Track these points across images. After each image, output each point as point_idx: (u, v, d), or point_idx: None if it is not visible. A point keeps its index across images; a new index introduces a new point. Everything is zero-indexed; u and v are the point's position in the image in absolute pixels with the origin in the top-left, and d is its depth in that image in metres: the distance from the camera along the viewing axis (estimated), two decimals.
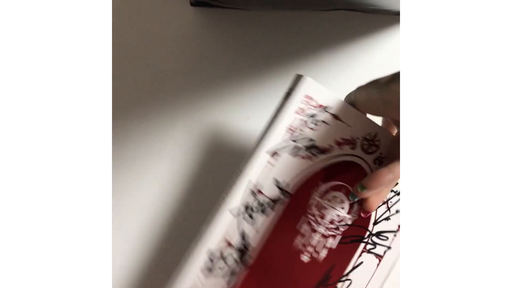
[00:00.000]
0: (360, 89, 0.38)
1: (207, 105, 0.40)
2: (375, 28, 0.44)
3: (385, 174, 0.37)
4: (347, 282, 0.42)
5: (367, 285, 0.42)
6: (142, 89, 0.39)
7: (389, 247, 0.42)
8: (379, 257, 0.42)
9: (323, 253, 0.41)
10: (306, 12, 0.43)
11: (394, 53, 0.45)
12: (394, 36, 0.45)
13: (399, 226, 0.42)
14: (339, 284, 0.42)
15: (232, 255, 0.39)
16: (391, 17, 0.43)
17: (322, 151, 0.39)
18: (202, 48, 0.40)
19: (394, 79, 0.35)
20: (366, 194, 0.38)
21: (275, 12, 0.42)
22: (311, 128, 0.39)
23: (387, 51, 0.45)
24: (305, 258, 0.40)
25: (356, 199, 0.40)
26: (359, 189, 0.38)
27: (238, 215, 0.38)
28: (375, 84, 0.36)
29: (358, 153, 0.40)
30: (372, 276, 0.42)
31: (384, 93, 0.35)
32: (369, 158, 0.41)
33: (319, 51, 0.42)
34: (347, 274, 0.42)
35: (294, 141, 0.38)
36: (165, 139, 0.39)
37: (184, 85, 0.39)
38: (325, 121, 0.39)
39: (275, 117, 0.39)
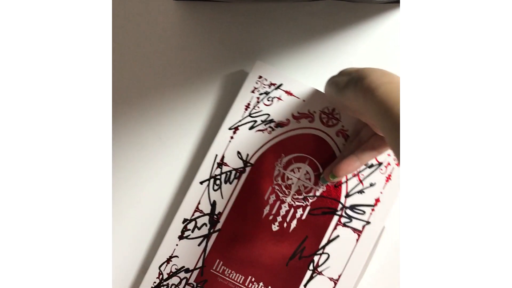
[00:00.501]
0: (327, 84, 0.39)
1: (192, 96, 0.47)
2: (361, 17, 0.46)
3: (353, 162, 0.40)
4: (325, 256, 0.43)
5: (348, 261, 0.43)
6: (124, 81, 0.47)
7: (367, 222, 0.43)
8: (357, 231, 0.43)
9: (293, 224, 0.43)
10: (289, 3, 0.46)
11: (379, 43, 0.46)
12: (379, 26, 0.46)
13: (376, 200, 0.43)
14: (316, 257, 0.43)
15: (204, 222, 0.43)
16: (376, 6, 0.46)
17: (280, 124, 0.44)
18: (184, 40, 0.45)
19: (348, 85, 0.34)
20: (337, 180, 0.41)
21: (257, 3, 0.45)
22: (267, 104, 0.44)
23: (372, 41, 0.46)
24: (274, 227, 0.43)
25: (327, 183, 0.42)
26: (330, 178, 0.40)
27: (208, 186, 0.44)
28: (335, 87, 0.36)
29: (318, 126, 0.44)
30: (353, 252, 0.43)
31: (340, 97, 0.35)
32: (331, 131, 0.44)
33: (303, 42, 0.47)
34: (323, 247, 0.43)
35: (251, 116, 0.44)
36: (148, 133, 0.47)
37: (167, 77, 0.47)
38: (279, 97, 0.44)
39: (235, 97, 0.45)
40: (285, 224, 0.43)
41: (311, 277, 0.43)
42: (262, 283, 0.43)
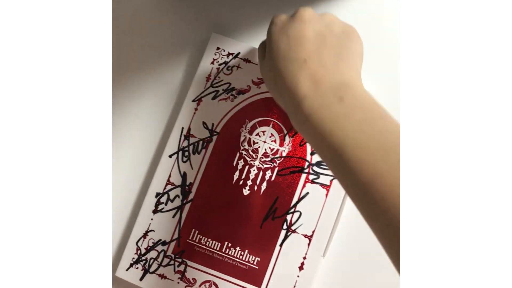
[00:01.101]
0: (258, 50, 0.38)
1: (158, 74, 0.48)
2: None
3: None
4: (297, 214, 0.44)
5: (320, 216, 0.44)
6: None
7: (334, 176, 0.44)
8: (326, 186, 0.44)
9: (263, 186, 0.44)
10: None
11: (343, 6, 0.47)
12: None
13: None
14: (288, 216, 0.44)
15: (176, 194, 0.44)
16: None
17: (241, 92, 0.45)
18: (142, 20, 0.47)
19: (260, 56, 0.35)
20: None
21: None
22: (227, 74, 0.45)
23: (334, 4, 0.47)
24: (245, 191, 0.44)
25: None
26: None
27: (177, 158, 0.45)
28: (260, 57, 0.36)
29: None
30: (323, 207, 0.44)
31: (260, 69, 0.35)
32: None
33: (258, 9, 0.47)
34: (294, 206, 0.44)
35: (213, 87, 0.45)
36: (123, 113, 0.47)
37: (134, 56, 0.48)
38: (238, 65, 0.45)
39: (195, 71, 0.46)
40: (255, 187, 0.44)
41: (286, 236, 0.44)
42: (238, 247, 0.44)
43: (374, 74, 0.45)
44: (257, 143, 0.45)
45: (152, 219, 0.44)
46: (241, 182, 0.44)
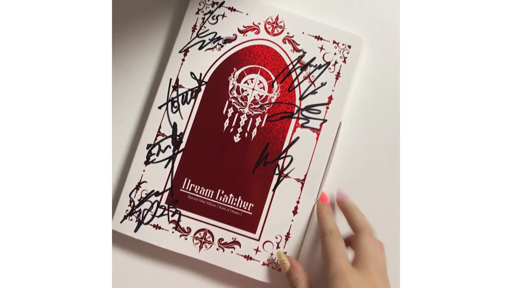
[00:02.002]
0: (322, 212, 0.44)
1: (146, 27, 0.48)
2: None
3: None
4: (288, 159, 0.44)
5: (311, 160, 0.44)
6: None
7: (324, 120, 0.44)
8: (316, 130, 0.44)
9: (254, 132, 0.44)
10: None
11: None
12: None
13: (329, 98, 0.44)
14: (280, 161, 0.44)
15: (167, 144, 0.44)
16: None
17: (227, 40, 0.45)
18: None
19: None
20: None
21: None
22: (212, 23, 0.45)
23: None
24: (236, 138, 0.44)
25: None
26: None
27: (166, 109, 0.45)
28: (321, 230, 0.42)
29: (264, 36, 0.45)
30: (314, 150, 0.44)
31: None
32: (277, 39, 0.45)
33: None
34: (285, 151, 0.44)
35: (199, 37, 0.45)
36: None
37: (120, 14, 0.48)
38: (223, 14, 0.45)
39: (180, 22, 0.46)
40: (246, 134, 0.44)
41: (278, 181, 0.44)
42: (232, 194, 0.44)
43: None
44: (246, 90, 0.45)
45: (144, 171, 0.45)
46: (231, 130, 0.45)
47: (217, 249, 0.44)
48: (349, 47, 0.45)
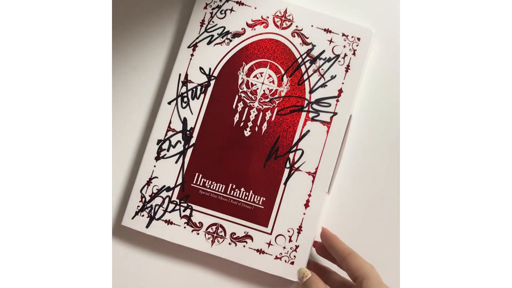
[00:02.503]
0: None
1: (154, 23, 0.48)
2: None
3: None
4: (299, 152, 0.44)
5: (322, 153, 0.44)
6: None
7: (334, 113, 0.44)
8: (326, 123, 0.44)
9: (264, 126, 0.44)
10: None
11: None
12: None
13: (339, 91, 0.44)
14: (291, 155, 0.44)
15: (178, 140, 0.44)
16: None
17: (236, 35, 0.45)
18: None
19: None
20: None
21: None
22: (220, 18, 0.45)
23: None
24: (247, 133, 0.44)
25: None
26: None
27: (176, 104, 0.45)
28: None
29: (273, 30, 0.45)
30: (325, 143, 0.44)
31: None
32: (286, 33, 0.45)
33: None
34: (296, 144, 0.44)
35: (208, 32, 0.45)
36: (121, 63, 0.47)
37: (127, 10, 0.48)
38: (231, 9, 0.45)
39: (189, 17, 0.46)
40: (256, 128, 0.44)
41: (290, 175, 0.44)
42: (243, 188, 0.44)
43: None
44: (255, 84, 0.45)
45: (155, 166, 0.45)
46: (241, 124, 0.45)
47: (229, 243, 0.44)
48: (359, 39, 0.45)
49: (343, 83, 0.45)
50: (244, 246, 0.44)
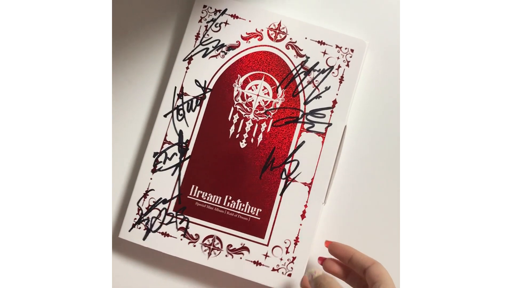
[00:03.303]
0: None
1: (150, 36, 0.48)
2: None
3: None
4: (295, 163, 0.44)
5: (317, 164, 0.44)
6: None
7: (329, 124, 0.44)
8: (321, 134, 0.44)
9: (260, 138, 0.45)
10: None
11: None
12: None
13: (333, 102, 0.45)
14: (286, 166, 0.44)
15: (174, 152, 0.45)
16: None
17: (231, 47, 0.46)
18: None
19: None
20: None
21: None
22: (215, 31, 0.46)
23: None
24: (242, 144, 0.44)
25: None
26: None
27: (172, 117, 0.45)
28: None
29: (267, 42, 0.46)
30: (320, 154, 0.44)
31: None
32: (280, 45, 0.46)
33: None
34: (292, 155, 0.44)
35: (203, 45, 0.46)
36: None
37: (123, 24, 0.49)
38: (226, 22, 0.46)
39: (184, 31, 0.47)
40: (252, 140, 0.45)
41: (286, 186, 0.44)
42: (239, 200, 0.44)
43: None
44: (251, 96, 0.45)
45: (151, 179, 0.45)
46: (237, 136, 0.45)
47: (226, 255, 0.44)
48: (352, 51, 0.46)
49: (337, 94, 0.46)
50: (241, 258, 0.44)
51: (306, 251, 0.44)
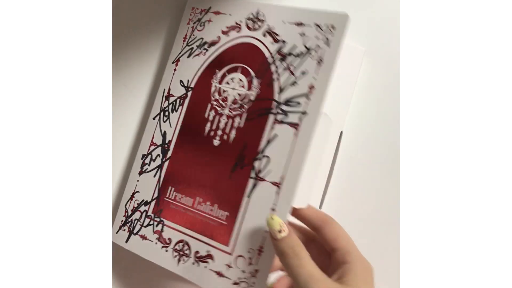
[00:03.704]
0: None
1: (144, 42, 0.51)
2: None
3: None
4: (265, 160, 0.40)
5: (288, 160, 0.39)
6: None
7: (303, 112, 0.39)
8: (294, 125, 0.39)
9: (233, 134, 0.42)
10: None
11: None
12: None
13: (310, 88, 0.39)
14: (256, 163, 0.40)
15: (158, 153, 0.45)
16: None
17: (212, 44, 0.45)
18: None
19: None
20: None
21: None
22: (200, 30, 0.46)
23: None
24: (216, 142, 0.42)
25: None
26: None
27: (159, 119, 0.46)
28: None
29: (245, 33, 0.44)
30: (292, 149, 0.39)
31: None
32: (258, 34, 0.43)
33: None
34: (262, 151, 0.40)
35: (188, 45, 0.46)
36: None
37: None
38: (209, 19, 0.46)
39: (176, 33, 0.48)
40: (225, 137, 0.41)
41: (254, 186, 0.39)
42: (209, 202, 0.41)
43: None
44: (226, 91, 0.43)
45: (138, 181, 0.45)
46: (212, 133, 0.42)
47: (193, 263, 0.41)
48: (333, 27, 0.39)
49: (314, 78, 0.39)
50: (205, 267, 0.40)
51: (268, 264, 0.37)
